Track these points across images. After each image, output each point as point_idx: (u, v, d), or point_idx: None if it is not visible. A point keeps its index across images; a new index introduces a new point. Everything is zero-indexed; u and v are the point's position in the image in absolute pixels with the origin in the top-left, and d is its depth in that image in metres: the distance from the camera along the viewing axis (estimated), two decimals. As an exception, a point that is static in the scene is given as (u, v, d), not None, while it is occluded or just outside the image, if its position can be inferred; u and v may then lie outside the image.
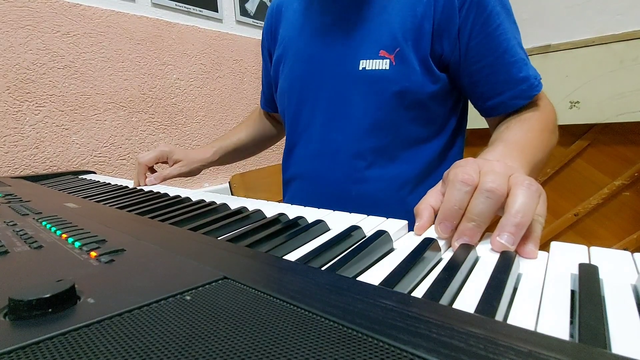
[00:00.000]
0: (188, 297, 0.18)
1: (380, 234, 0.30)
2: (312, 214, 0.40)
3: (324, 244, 0.29)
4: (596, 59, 1.28)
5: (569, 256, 0.26)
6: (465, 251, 0.27)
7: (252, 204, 0.46)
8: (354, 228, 0.33)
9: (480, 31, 0.52)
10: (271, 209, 0.43)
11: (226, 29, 1.40)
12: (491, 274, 0.23)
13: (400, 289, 0.22)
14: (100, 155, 1.07)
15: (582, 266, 0.23)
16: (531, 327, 0.18)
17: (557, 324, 0.18)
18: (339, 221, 0.37)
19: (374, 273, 0.25)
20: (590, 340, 0.16)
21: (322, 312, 0.16)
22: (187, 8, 1.26)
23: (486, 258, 0.27)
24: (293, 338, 0.14)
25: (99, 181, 0.76)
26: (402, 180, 0.59)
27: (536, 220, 0.30)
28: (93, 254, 0.25)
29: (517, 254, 0.27)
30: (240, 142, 0.85)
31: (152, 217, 0.40)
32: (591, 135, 1.35)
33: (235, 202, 0.46)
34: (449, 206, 0.30)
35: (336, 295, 0.18)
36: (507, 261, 0.25)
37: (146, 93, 1.16)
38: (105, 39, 1.06)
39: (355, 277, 0.25)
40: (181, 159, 0.74)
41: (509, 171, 0.32)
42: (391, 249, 0.30)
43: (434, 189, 0.36)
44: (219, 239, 0.30)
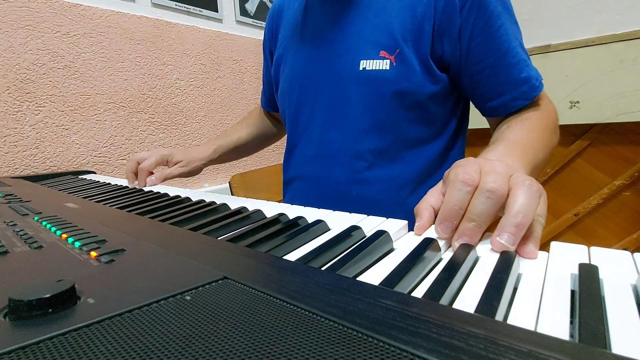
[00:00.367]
0: (188, 297, 0.18)
1: (380, 234, 0.30)
2: (312, 214, 0.40)
3: (324, 244, 0.29)
4: (596, 59, 1.28)
5: (569, 256, 0.26)
6: (465, 251, 0.27)
7: (252, 204, 0.46)
8: (354, 228, 0.33)
9: (481, 32, 0.52)
10: (271, 209, 0.43)
11: (226, 29, 1.40)
12: (491, 274, 0.23)
13: (400, 289, 0.22)
14: (100, 155, 1.07)
15: (582, 266, 0.23)
16: (531, 327, 0.18)
17: (557, 324, 0.18)
18: (339, 221, 0.37)
19: (374, 273, 0.25)
20: (590, 340, 0.16)
21: (322, 312, 0.16)
22: (187, 8, 1.26)
23: (486, 258, 0.27)
24: (293, 338, 0.14)
25: (99, 181, 0.76)
26: (403, 181, 0.59)
27: (536, 220, 0.29)
28: (93, 254, 0.25)
29: (517, 254, 0.27)
30: (240, 140, 0.85)
31: (152, 217, 0.40)
32: (591, 135, 1.35)
33: (235, 202, 0.46)
34: (449, 206, 0.30)
35: (336, 295, 0.18)
36: (507, 261, 0.25)
37: (146, 93, 1.16)
38: (105, 39, 1.06)
39: (355, 277, 0.25)
40: (181, 160, 0.74)
41: (510, 171, 0.31)
42: (391, 249, 0.30)
43: (434, 188, 0.36)
44: (219, 239, 0.30)
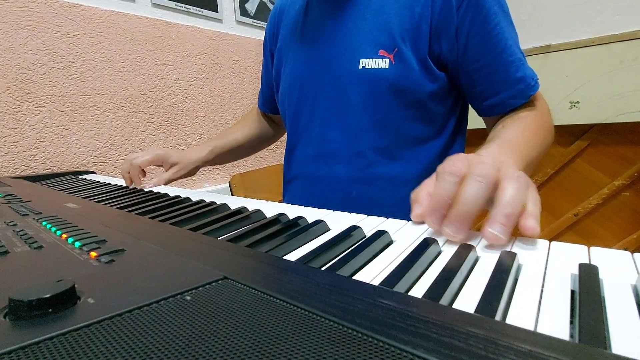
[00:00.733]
0: (188, 297, 0.18)
1: (380, 234, 0.30)
2: (312, 214, 0.40)
3: (324, 244, 0.29)
4: (596, 59, 1.28)
5: (569, 256, 0.26)
6: (465, 251, 0.27)
7: (252, 204, 0.46)
8: (354, 228, 0.33)
9: (478, 31, 0.53)
10: (271, 209, 0.43)
11: (226, 29, 1.40)
12: (491, 274, 0.23)
13: (400, 288, 0.22)
14: (100, 155, 1.07)
15: (582, 266, 0.23)
16: (531, 327, 0.18)
17: (557, 324, 0.18)
18: (339, 221, 0.37)
19: (374, 273, 0.25)
20: (590, 340, 0.16)
21: (322, 312, 0.16)
22: (187, 8, 1.26)
23: (486, 258, 0.27)
24: (293, 338, 0.14)
25: (99, 181, 0.76)
26: (403, 180, 0.59)
27: (530, 202, 0.30)
28: (93, 254, 0.25)
29: (516, 253, 0.27)
30: (237, 142, 0.85)
31: (152, 217, 0.40)
32: (591, 135, 1.35)
33: (235, 202, 0.46)
34: (437, 197, 0.31)
35: (336, 295, 0.18)
36: (507, 261, 0.25)
37: (146, 93, 1.16)
38: (105, 39, 1.06)
39: (354, 274, 0.25)
40: (177, 162, 0.74)
41: (499, 164, 0.32)
42: (391, 247, 0.30)
43: (429, 179, 0.37)
44: (219, 239, 0.30)
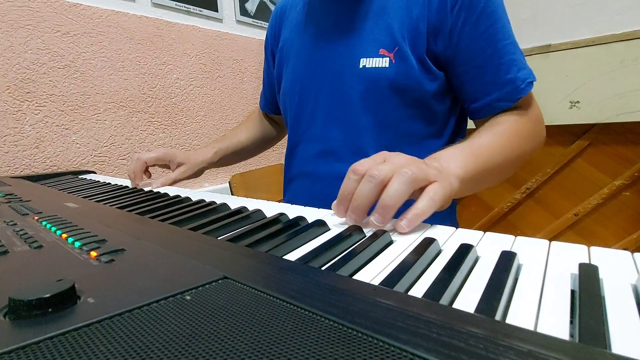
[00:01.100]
0: (188, 297, 0.18)
1: (380, 233, 0.30)
2: (312, 214, 0.40)
3: (324, 244, 0.29)
4: (596, 59, 1.28)
5: (569, 256, 0.26)
6: (465, 251, 0.27)
7: (252, 204, 0.46)
8: (354, 228, 0.33)
9: (470, 32, 0.53)
10: (271, 209, 0.43)
11: (226, 29, 1.40)
12: (491, 274, 0.23)
13: (400, 288, 0.22)
14: (101, 155, 1.07)
15: (582, 266, 0.23)
16: (531, 327, 0.18)
17: (557, 324, 0.18)
18: (339, 221, 0.37)
19: (374, 273, 0.25)
20: (590, 340, 0.16)
21: (322, 312, 0.16)
22: (187, 8, 1.26)
23: (486, 258, 0.27)
24: (293, 338, 0.14)
25: (99, 181, 0.76)
26: None
27: (425, 197, 0.34)
28: (93, 253, 0.25)
29: (516, 253, 0.27)
30: (240, 144, 0.85)
31: (152, 217, 0.40)
32: (591, 135, 1.35)
33: (235, 202, 0.46)
34: (341, 192, 0.36)
35: (336, 295, 0.18)
36: (507, 261, 0.25)
37: (146, 93, 1.16)
38: (105, 38, 1.06)
39: (354, 274, 0.25)
40: (184, 162, 0.74)
41: (409, 163, 0.35)
42: (392, 247, 0.30)
43: None
44: (219, 238, 0.30)
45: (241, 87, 1.46)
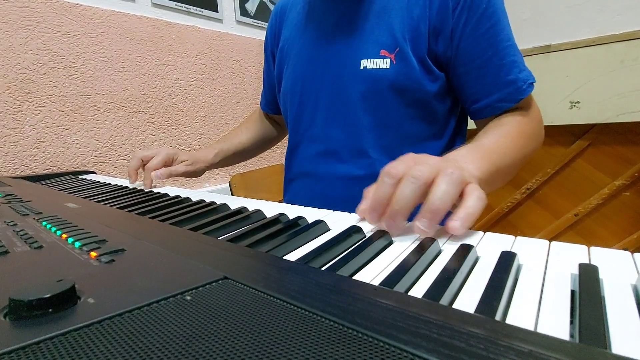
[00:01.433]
0: (188, 297, 0.18)
1: (380, 234, 0.30)
2: (312, 214, 0.40)
3: (324, 244, 0.29)
4: (596, 59, 1.28)
5: (569, 256, 0.26)
6: (465, 251, 0.27)
7: (252, 204, 0.46)
8: (354, 228, 0.33)
9: (470, 33, 0.53)
10: (271, 209, 0.43)
11: (226, 29, 1.40)
12: (491, 274, 0.23)
13: (400, 288, 0.22)
14: (101, 155, 1.07)
15: (582, 266, 0.23)
16: (531, 327, 0.18)
17: (557, 324, 0.18)
18: (339, 221, 0.37)
19: (374, 273, 0.25)
20: (590, 340, 0.16)
21: (322, 312, 0.16)
22: (187, 8, 1.26)
23: (486, 258, 0.27)
24: (293, 338, 0.14)
25: (99, 181, 0.76)
26: None
27: (470, 197, 0.32)
28: (93, 254, 0.25)
29: (516, 253, 0.27)
30: (241, 144, 0.85)
31: (152, 217, 0.40)
32: (591, 135, 1.35)
33: (235, 202, 0.46)
34: (376, 197, 0.33)
35: (336, 295, 0.18)
36: (507, 261, 0.25)
37: (146, 93, 1.16)
38: (105, 39, 1.06)
39: (354, 274, 0.25)
40: (186, 159, 0.74)
41: (443, 164, 0.33)
42: (392, 248, 0.30)
43: None
44: (219, 239, 0.30)
45: (241, 87, 1.46)
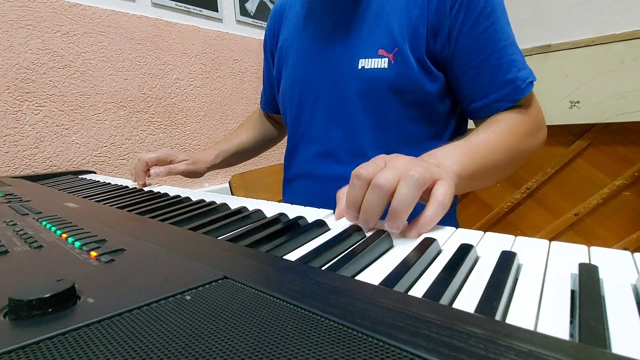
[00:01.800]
0: (188, 297, 0.18)
1: (380, 234, 0.30)
2: (312, 214, 0.40)
3: (324, 244, 0.29)
4: (596, 59, 1.28)
5: (569, 256, 0.26)
6: (465, 251, 0.27)
7: (252, 204, 0.46)
8: (354, 228, 0.33)
9: (468, 33, 0.53)
10: (271, 209, 0.43)
11: (226, 29, 1.40)
12: (491, 274, 0.23)
13: (399, 288, 0.22)
14: (100, 155, 1.07)
15: (582, 266, 0.23)
16: (531, 327, 0.18)
17: (557, 323, 0.18)
18: (339, 221, 0.37)
19: (374, 272, 0.25)
20: (590, 340, 0.16)
21: (322, 312, 0.16)
22: (187, 8, 1.26)
23: (486, 258, 0.27)
24: (293, 338, 0.14)
25: (99, 181, 0.76)
26: None
27: (433, 204, 0.33)
28: (93, 253, 0.25)
29: (516, 253, 0.27)
30: (242, 145, 0.85)
31: (152, 217, 0.40)
32: (591, 135, 1.35)
33: (235, 202, 0.46)
34: (348, 199, 0.35)
35: (336, 295, 0.18)
36: (507, 261, 0.25)
37: (146, 93, 1.16)
38: (105, 38, 1.06)
39: (355, 275, 0.25)
40: (186, 159, 0.74)
41: (410, 165, 0.35)
42: (391, 247, 0.30)
43: None
44: (219, 238, 0.30)
45: (241, 87, 1.46)
